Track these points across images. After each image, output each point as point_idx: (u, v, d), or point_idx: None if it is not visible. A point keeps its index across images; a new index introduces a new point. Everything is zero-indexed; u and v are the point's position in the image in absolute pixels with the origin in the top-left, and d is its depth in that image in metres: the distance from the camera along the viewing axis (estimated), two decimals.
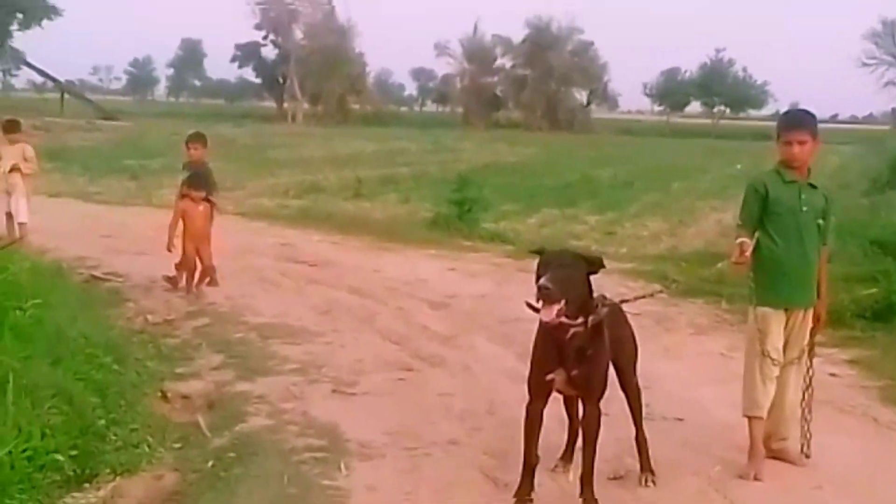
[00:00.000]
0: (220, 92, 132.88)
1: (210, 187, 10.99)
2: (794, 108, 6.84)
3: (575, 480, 5.44)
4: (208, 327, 9.35)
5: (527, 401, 5.29)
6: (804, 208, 5.89)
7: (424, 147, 45.81)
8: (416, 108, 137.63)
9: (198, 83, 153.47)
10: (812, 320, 6.08)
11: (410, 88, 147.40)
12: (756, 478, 5.82)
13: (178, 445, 6.22)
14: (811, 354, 6.15)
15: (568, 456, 5.87)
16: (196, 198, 10.60)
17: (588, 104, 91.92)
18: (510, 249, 14.77)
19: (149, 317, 9.65)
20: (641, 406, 5.85)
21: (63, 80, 79.13)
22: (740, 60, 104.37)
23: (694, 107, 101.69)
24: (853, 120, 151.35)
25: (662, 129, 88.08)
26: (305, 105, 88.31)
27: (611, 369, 5.50)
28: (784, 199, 5.88)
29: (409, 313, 10.17)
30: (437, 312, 10.27)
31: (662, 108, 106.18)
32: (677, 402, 7.31)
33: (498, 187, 24.90)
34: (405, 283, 11.69)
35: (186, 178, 10.85)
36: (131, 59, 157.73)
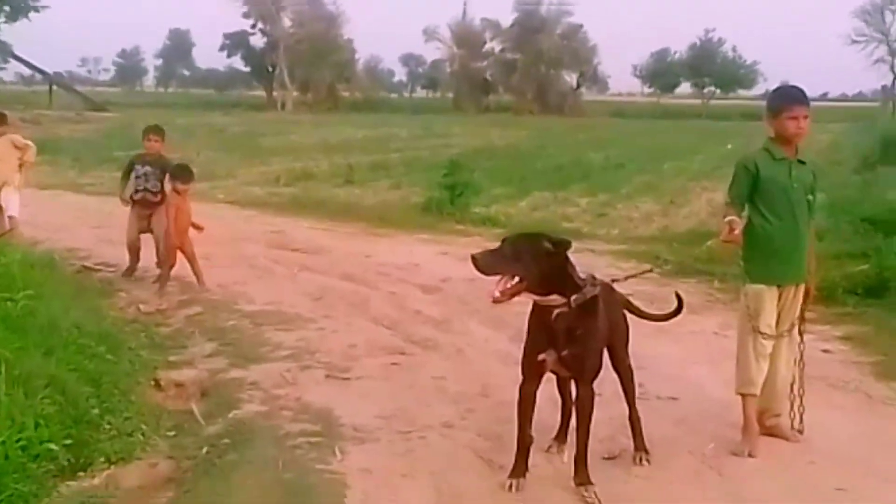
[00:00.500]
0: (210, 81, 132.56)
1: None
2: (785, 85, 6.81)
3: (569, 461, 5.45)
4: (201, 315, 9.33)
5: (520, 381, 5.31)
6: (795, 185, 5.90)
7: (415, 132, 45.73)
8: (406, 94, 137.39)
9: (187, 73, 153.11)
10: (803, 296, 6.08)
11: (400, 74, 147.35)
12: (750, 454, 5.84)
13: (173, 433, 6.22)
14: (801, 330, 6.16)
15: (562, 436, 5.87)
16: (182, 190, 10.49)
17: (578, 87, 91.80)
18: (501, 233, 14.71)
19: (141, 306, 9.63)
20: (634, 386, 5.87)
21: (51, 72, 78.92)
22: (730, 40, 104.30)
23: (684, 88, 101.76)
24: (843, 98, 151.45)
25: (653, 110, 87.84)
26: (295, 93, 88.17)
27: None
28: (775, 176, 5.89)
29: (401, 298, 10.17)
30: (430, 296, 10.27)
31: (653, 90, 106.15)
32: (671, 381, 7.32)
33: (489, 171, 24.90)
34: (397, 268, 11.68)
35: (173, 169, 10.73)
36: (119, 49, 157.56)
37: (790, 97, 6.02)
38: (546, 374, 5.36)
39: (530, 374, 5.28)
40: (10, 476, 4.81)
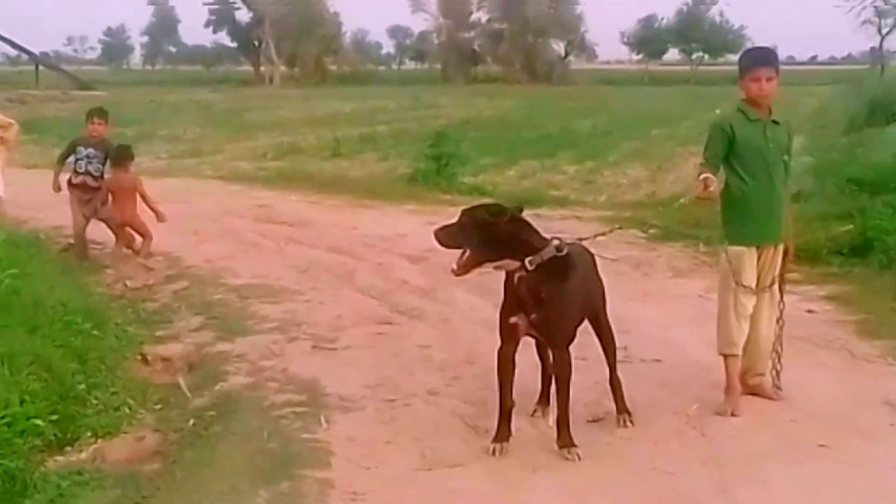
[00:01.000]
0: (197, 58, 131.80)
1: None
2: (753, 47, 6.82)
3: (554, 424, 5.49)
4: (187, 290, 9.36)
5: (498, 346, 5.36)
6: (770, 145, 5.91)
7: (403, 104, 45.54)
8: (395, 66, 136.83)
9: (174, 50, 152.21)
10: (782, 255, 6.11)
11: (388, 47, 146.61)
12: (733, 413, 5.90)
13: (159, 406, 6.27)
14: (782, 289, 6.19)
15: (544, 400, 5.92)
16: (122, 173, 10.48)
17: (566, 56, 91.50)
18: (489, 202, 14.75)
19: (128, 282, 9.64)
20: (615, 348, 5.90)
21: (37, 52, 78.56)
22: (716, 5, 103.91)
23: (672, 54, 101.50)
24: (832, 61, 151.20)
25: (641, 77, 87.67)
26: (282, 67, 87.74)
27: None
28: (750, 137, 5.90)
29: (388, 268, 10.19)
30: (416, 266, 10.27)
31: (641, 57, 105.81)
32: (655, 343, 7.38)
33: (477, 141, 24.88)
34: (384, 239, 11.68)
35: (114, 151, 10.67)
36: (105, 28, 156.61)
37: (752, 58, 6.08)
38: (523, 338, 5.39)
39: (506, 337, 5.34)
40: None
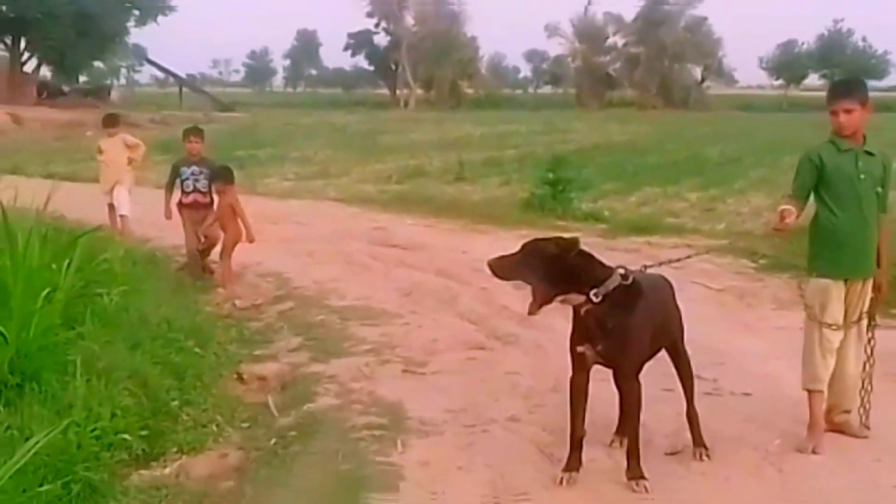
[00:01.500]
0: (336, 81, 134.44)
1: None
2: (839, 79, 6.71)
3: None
4: (292, 311, 9.58)
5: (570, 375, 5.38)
6: (861, 176, 5.81)
7: (534, 129, 45.52)
8: (531, 90, 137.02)
9: (314, 73, 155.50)
10: (872, 290, 5.98)
11: (525, 71, 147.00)
12: (814, 451, 5.79)
13: (247, 425, 6.44)
14: (871, 325, 6.06)
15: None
16: (222, 192, 10.65)
17: (703, 80, 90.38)
18: (603, 228, 14.74)
19: (237, 302, 9.92)
20: (693, 380, 5.85)
21: (183, 75, 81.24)
22: (860, 30, 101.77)
23: (812, 79, 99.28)
24: None
25: (780, 103, 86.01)
26: (418, 91, 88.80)
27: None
28: (841, 167, 5.82)
29: (491, 294, 10.20)
30: (520, 292, 10.12)
31: (780, 82, 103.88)
32: (748, 376, 7.30)
33: (602, 166, 24.89)
34: None
35: (214, 171, 10.91)
36: (249, 51, 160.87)
37: (831, 92, 6.01)
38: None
39: (576, 366, 5.35)
40: (81, 465, 5.01)
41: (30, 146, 32.30)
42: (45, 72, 64.77)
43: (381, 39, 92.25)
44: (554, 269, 5.09)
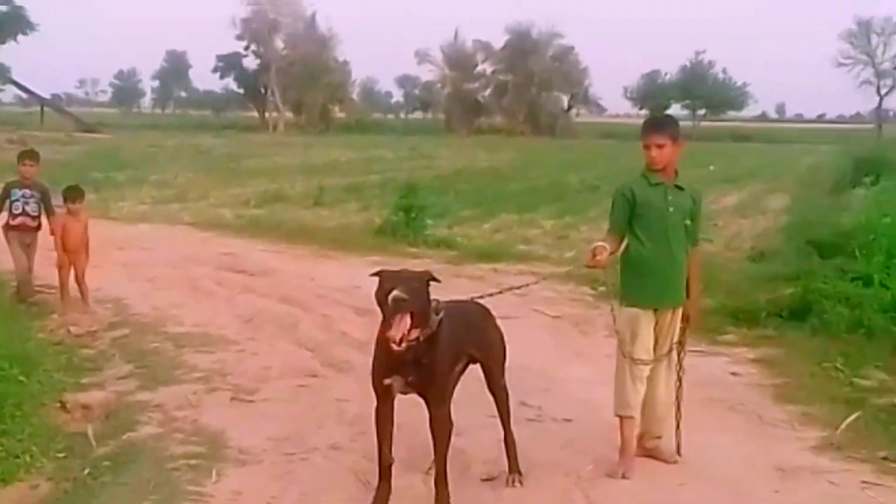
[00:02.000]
0: (206, 103, 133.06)
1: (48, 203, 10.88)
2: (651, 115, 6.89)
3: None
4: (127, 338, 9.41)
5: (374, 403, 5.40)
6: (671, 209, 5.98)
7: (401, 154, 45.73)
8: (403, 115, 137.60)
9: (184, 94, 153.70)
10: (682, 320, 6.16)
11: (397, 96, 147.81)
12: (624, 476, 5.94)
13: (63, 455, 6.28)
14: (681, 353, 6.23)
15: None
16: (75, 210, 10.55)
17: (569, 108, 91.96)
18: (452, 255, 14.87)
19: (72, 328, 9.71)
20: (508, 407, 5.92)
21: (47, 95, 79.39)
22: (720, 62, 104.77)
23: (675, 109, 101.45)
24: (840, 119, 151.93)
25: None
26: (288, 114, 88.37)
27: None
28: (651, 200, 5.98)
29: (332, 320, 10.24)
30: (362, 319, 10.26)
31: (644, 112, 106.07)
32: (572, 403, 7.42)
33: (463, 193, 25.14)
34: (337, 291, 11.73)
35: (65, 190, 10.78)
36: (117, 71, 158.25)
37: (644, 126, 6.17)
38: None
39: (382, 397, 5.39)
40: None
41: None
42: None
43: (251, 62, 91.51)
44: (427, 299, 5.11)
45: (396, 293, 4.89)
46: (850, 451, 6.49)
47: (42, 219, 10.84)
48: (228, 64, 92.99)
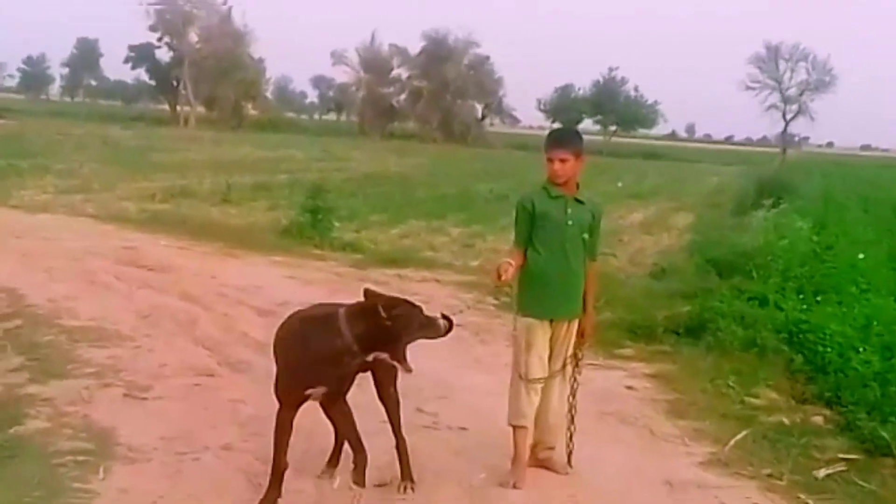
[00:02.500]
0: (117, 93, 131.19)
1: None
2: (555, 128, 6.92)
3: (340, 486, 5.54)
4: (19, 329, 9.18)
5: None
6: (569, 222, 6.03)
7: (313, 155, 45.55)
8: (316, 116, 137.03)
9: (94, 83, 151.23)
10: (577, 334, 6.21)
11: (312, 96, 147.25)
12: (516, 486, 5.97)
13: None
14: (576, 366, 6.27)
15: (334, 461, 5.95)
16: None
17: (483, 118, 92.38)
18: (358, 258, 14.84)
19: None
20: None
21: None
22: (633, 80, 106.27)
23: (587, 124, 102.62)
24: (748, 142, 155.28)
25: None
26: (200, 109, 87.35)
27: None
28: (550, 213, 6.02)
29: (232, 319, 10.14)
30: (263, 319, 10.21)
31: (557, 125, 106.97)
32: (468, 411, 7.44)
33: (373, 196, 25.11)
34: (238, 290, 11.63)
35: None
36: (25, 56, 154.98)
37: (549, 139, 6.17)
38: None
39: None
40: None
41: None
42: None
43: (164, 54, 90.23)
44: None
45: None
46: (738, 467, 6.62)
47: None
48: (141, 55, 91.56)
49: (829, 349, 8.69)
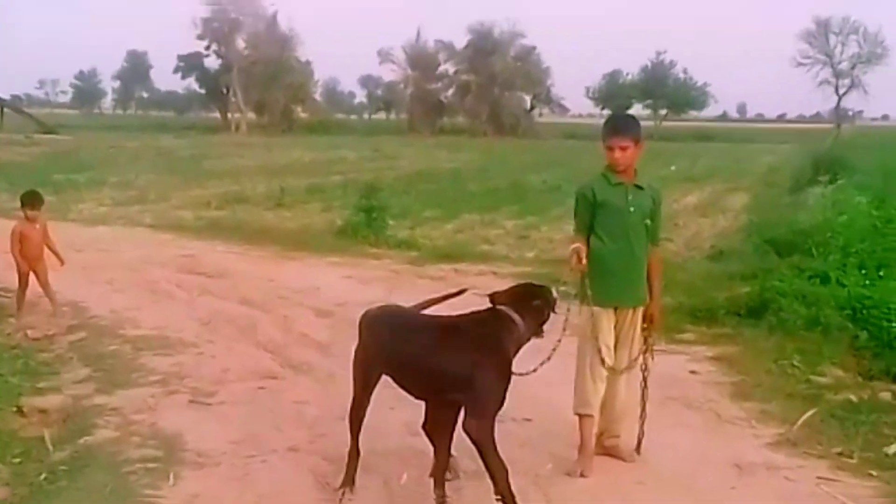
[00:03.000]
0: (168, 103, 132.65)
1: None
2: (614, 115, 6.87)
3: (406, 483, 5.55)
4: (84, 341, 9.32)
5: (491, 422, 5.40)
6: (631, 209, 5.99)
7: (364, 155, 45.75)
8: (366, 116, 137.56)
9: (145, 95, 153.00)
10: (646, 320, 6.18)
11: (360, 96, 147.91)
12: (582, 475, 5.95)
13: (18, 460, 6.20)
14: (647, 354, 6.24)
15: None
16: (32, 217, 10.43)
17: (532, 108, 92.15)
18: (414, 256, 14.87)
19: (29, 332, 9.61)
20: None
21: (2, 96, 78.54)
22: (681, 62, 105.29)
23: (637, 109, 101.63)
24: (800, 119, 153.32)
25: None
26: (250, 115, 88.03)
27: None
28: (611, 200, 5.99)
29: (291, 322, 10.20)
30: (322, 320, 10.30)
31: (606, 112, 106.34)
32: (532, 402, 7.37)
33: (425, 193, 25.19)
34: (296, 292, 11.71)
35: (22, 196, 10.63)
36: (77, 71, 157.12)
37: (607, 127, 6.12)
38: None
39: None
40: None
41: None
42: None
43: (213, 62, 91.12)
44: None
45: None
46: (806, 447, 6.54)
47: None
48: (190, 64, 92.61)
49: (894, 324, 8.56)
